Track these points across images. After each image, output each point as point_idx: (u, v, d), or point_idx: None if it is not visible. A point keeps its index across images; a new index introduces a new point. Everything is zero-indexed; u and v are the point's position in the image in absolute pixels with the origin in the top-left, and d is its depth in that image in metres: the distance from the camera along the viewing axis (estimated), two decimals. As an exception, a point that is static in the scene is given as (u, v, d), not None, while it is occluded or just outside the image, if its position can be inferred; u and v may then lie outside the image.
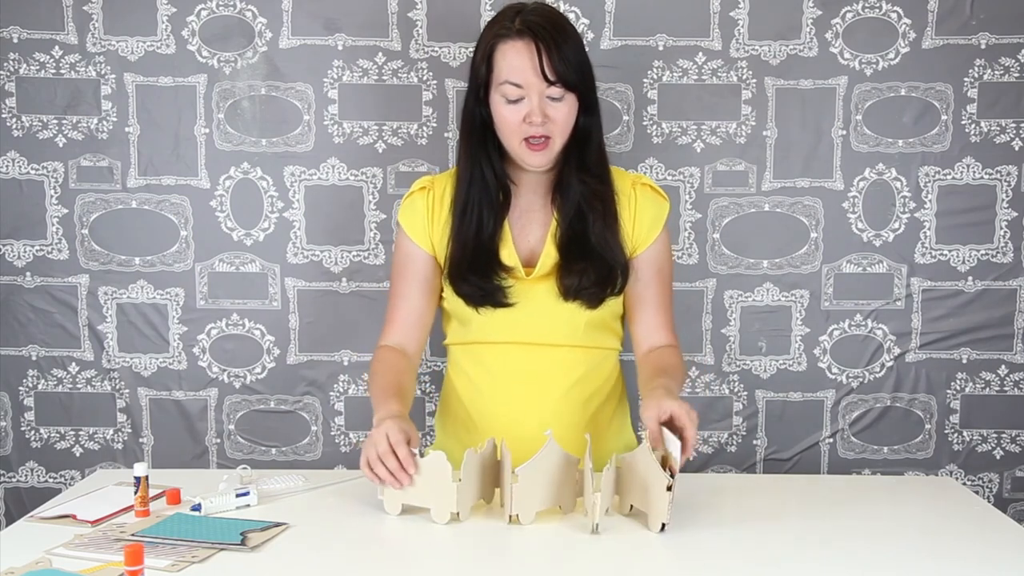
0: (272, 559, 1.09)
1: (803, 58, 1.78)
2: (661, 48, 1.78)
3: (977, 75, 1.78)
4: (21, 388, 1.87)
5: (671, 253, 1.50)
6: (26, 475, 1.90)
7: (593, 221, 1.39)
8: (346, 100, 1.80)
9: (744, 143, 1.80)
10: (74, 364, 1.86)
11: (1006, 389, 1.86)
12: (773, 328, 1.85)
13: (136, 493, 1.23)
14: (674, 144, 1.81)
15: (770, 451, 1.89)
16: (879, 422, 1.87)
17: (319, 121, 1.80)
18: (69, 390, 1.87)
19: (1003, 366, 1.85)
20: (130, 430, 1.88)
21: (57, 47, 1.78)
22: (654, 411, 1.21)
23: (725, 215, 1.82)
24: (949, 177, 1.80)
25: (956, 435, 1.87)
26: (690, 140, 1.81)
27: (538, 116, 1.32)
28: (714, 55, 1.78)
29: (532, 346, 1.41)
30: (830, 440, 1.88)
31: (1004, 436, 1.87)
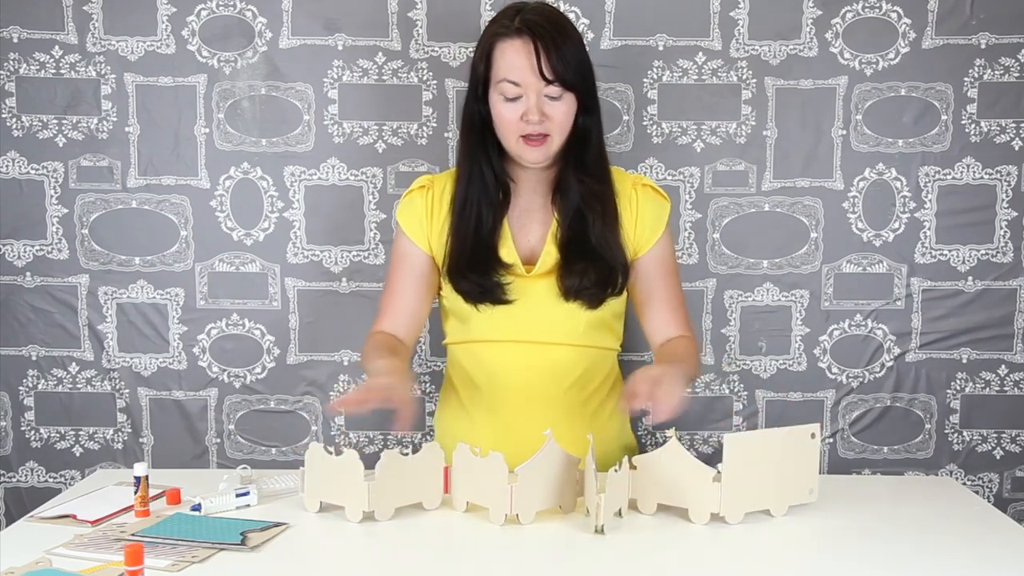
0: (272, 559, 1.09)
1: (803, 58, 1.78)
2: (661, 48, 1.78)
3: (977, 75, 1.78)
4: (21, 388, 1.87)
5: (675, 252, 1.50)
6: (26, 475, 1.90)
7: (593, 221, 1.39)
8: (346, 100, 1.80)
9: (744, 143, 1.80)
10: (74, 364, 1.86)
11: (1006, 389, 1.86)
12: (773, 328, 1.85)
13: (136, 493, 1.23)
14: (674, 144, 1.81)
15: (770, 451, 1.88)
16: (879, 422, 1.87)
17: (319, 121, 1.80)
18: (69, 390, 1.87)
19: (1003, 366, 1.85)
20: (130, 430, 1.88)
21: (57, 47, 1.78)
22: (641, 372, 1.22)
23: (725, 215, 1.82)
24: (949, 177, 1.80)
25: (956, 435, 1.87)
26: (690, 140, 1.81)
27: (535, 114, 1.32)
28: (714, 55, 1.78)
29: (531, 345, 1.41)
30: (830, 440, 1.87)
31: (1004, 436, 1.87)
